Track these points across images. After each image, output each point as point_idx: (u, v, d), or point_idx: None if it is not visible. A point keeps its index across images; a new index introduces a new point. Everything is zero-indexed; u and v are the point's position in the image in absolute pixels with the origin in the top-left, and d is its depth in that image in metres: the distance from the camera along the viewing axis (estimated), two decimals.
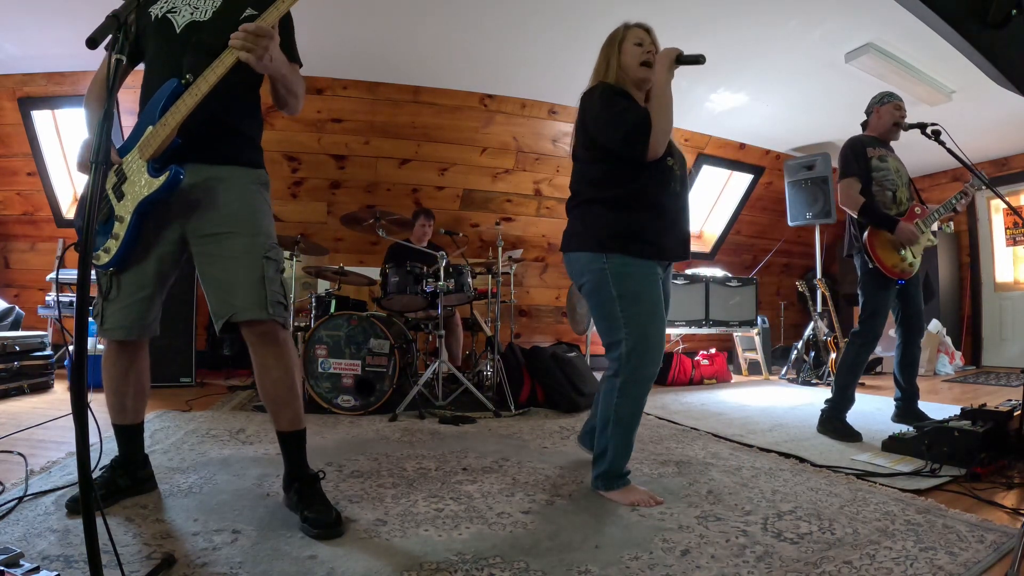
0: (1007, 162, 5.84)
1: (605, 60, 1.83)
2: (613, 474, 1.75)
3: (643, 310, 1.71)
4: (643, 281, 1.72)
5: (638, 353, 1.69)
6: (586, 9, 3.45)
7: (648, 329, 1.70)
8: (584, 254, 1.76)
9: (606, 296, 1.72)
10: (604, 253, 1.72)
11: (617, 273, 1.71)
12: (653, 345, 1.71)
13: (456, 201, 5.27)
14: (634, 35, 1.82)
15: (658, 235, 1.72)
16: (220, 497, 1.67)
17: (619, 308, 1.70)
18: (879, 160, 2.70)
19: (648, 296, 1.72)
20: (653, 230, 1.72)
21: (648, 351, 1.70)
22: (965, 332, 6.16)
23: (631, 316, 1.70)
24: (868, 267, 2.69)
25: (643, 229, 1.71)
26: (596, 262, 1.73)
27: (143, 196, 1.44)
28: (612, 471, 1.75)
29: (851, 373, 2.72)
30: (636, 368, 1.70)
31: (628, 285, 1.70)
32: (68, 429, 2.00)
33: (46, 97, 4.26)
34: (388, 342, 3.10)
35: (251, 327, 1.51)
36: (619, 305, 1.70)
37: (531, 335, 5.67)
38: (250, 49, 1.34)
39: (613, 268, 1.71)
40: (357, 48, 4.02)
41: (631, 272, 1.71)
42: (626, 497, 1.71)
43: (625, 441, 1.75)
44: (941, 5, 0.82)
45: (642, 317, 1.70)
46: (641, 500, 1.69)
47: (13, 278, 4.83)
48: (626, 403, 1.72)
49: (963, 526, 1.52)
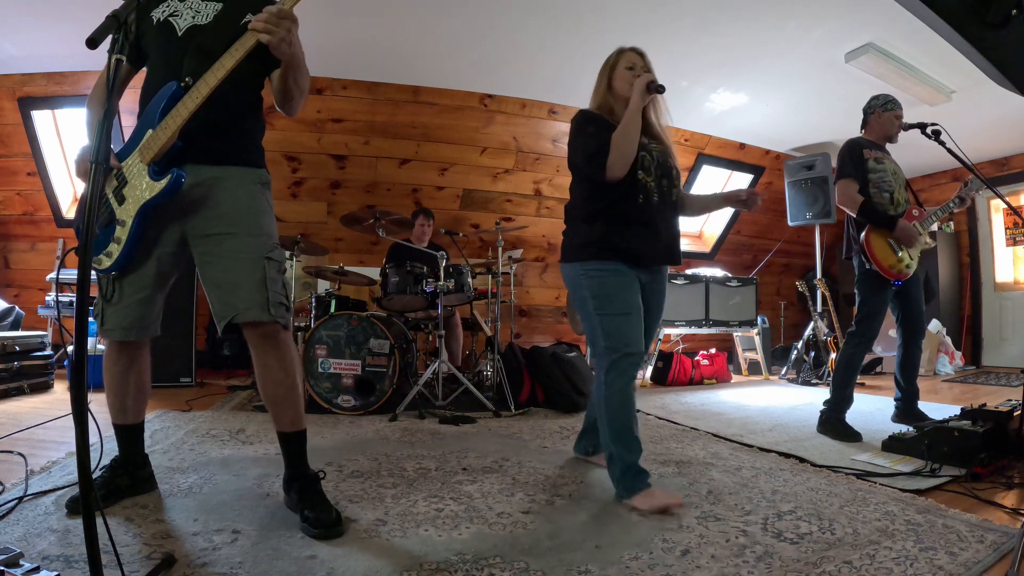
0: (1007, 162, 5.84)
1: (600, 83, 1.96)
2: (628, 476, 1.72)
3: (615, 308, 1.80)
4: (614, 283, 1.82)
5: (613, 346, 1.78)
6: (586, 10, 3.45)
7: (621, 324, 1.79)
8: (568, 265, 1.92)
9: (582, 298, 1.86)
10: (580, 261, 1.87)
11: (590, 277, 1.84)
12: (628, 340, 1.79)
13: (456, 201, 5.27)
14: (627, 59, 1.92)
15: (627, 241, 1.82)
16: (220, 497, 1.67)
17: (592, 307, 1.83)
18: (875, 162, 2.71)
19: (619, 296, 1.81)
20: (621, 237, 1.83)
21: (624, 345, 1.78)
22: (965, 332, 6.16)
23: (604, 315, 1.81)
24: (865, 267, 2.70)
25: (610, 236, 1.83)
26: (575, 270, 1.88)
27: (144, 200, 1.44)
28: (626, 474, 1.73)
29: (848, 373, 2.73)
30: (614, 361, 1.78)
31: (600, 287, 1.82)
32: (68, 429, 2.00)
33: (46, 97, 4.26)
34: (388, 342, 3.10)
35: (252, 328, 1.51)
36: (592, 305, 1.83)
37: (531, 335, 5.66)
38: (271, 31, 1.34)
39: (587, 273, 1.85)
40: (357, 48, 4.02)
41: (602, 275, 1.83)
42: (647, 502, 1.66)
43: (623, 438, 1.75)
44: (941, 5, 0.82)
45: (615, 314, 1.80)
46: (664, 504, 1.64)
47: (13, 278, 4.83)
48: (612, 397, 1.78)
49: (963, 526, 1.52)
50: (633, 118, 1.78)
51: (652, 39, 1.56)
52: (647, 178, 1.85)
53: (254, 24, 1.35)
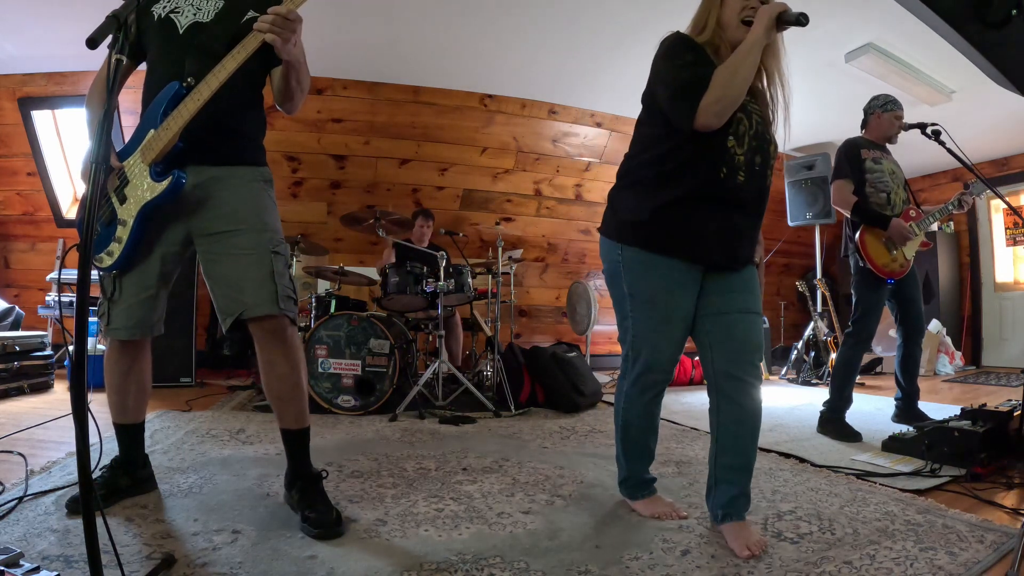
0: (1007, 162, 5.84)
1: (704, 13, 1.50)
2: (632, 481, 1.68)
3: (654, 316, 1.49)
4: (660, 283, 1.48)
5: (640, 360, 1.53)
6: (586, 9, 3.45)
7: (655, 339, 1.51)
8: (605, 240, 1.58)
9: (618, 291, 1.55)
10: (621, 243, 1.52)
11: (631, 268, 1.51)
12: (657, 358, 1.52)
13: (456, 201, 5.27)
14: None
15: (690, 230, 1.43)
16: (220, 497, 1.67)
17: (628, 307, 1.53)
18: (873, 162, 2.72)
19: (663, 302, 1.48)
20: (685, 222, 1.43)
21: (651, 364, 1.53)
22: (965, 332, 6.16)
23: (639, 320, 1.52)
24: (860, 266, 2.72)
25: (669, 219, 1.44)
26: (613, 252, 1.54)
27: (146, 200, 1.44)
28: (629, 478, 1.69)
29: (846, 373, 2.73)
30: (638, 375, 1.56)
31: (641, 285, 1.50)
32: (68, 429, 2.00)
33: (46, 97, 4.26)
34: (388, 342, 3.10)
35: (260, 323, 1.50)
36: (629, 304, 1.53)
37: (531, 335, 5.66)
38: (278, 32, 1.34)
39: (627, 262, 1.51)
40: (357, 48, 4.02)
41: (647, 270, 1.48)
42: (648, 509, 1.63)
43: (634, 446, 1.67)
44: (941, 5, 0.82)
45: (650, 323, 1.50)
46: (663, 513, 1.60)
47: (13, 278, 4.82)
48: (630, 408, 1.62)
49: (963, 526, 1.52)
50: (752, 51, 1.34)
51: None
52: (737, 149, 1.41)
53: (259, 25, 1.34)
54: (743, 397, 1.46)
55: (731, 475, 1.47)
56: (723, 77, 1.35)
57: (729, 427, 1.47)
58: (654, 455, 1.72)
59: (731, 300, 1.49)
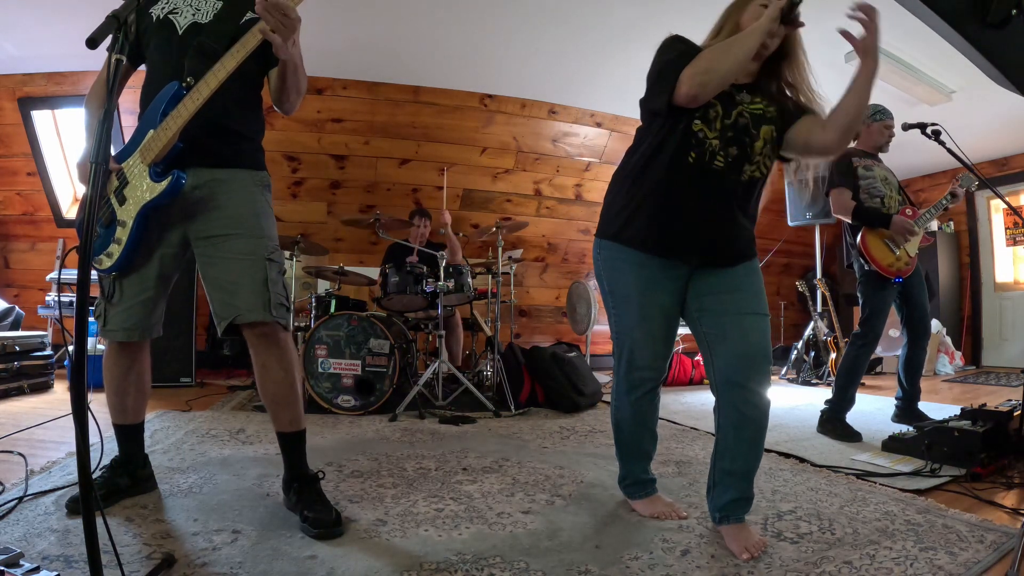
0: (1007, 162, 5.84)
1: (723, 19, 1.49)
2: (630, 481, 1.68)
3: (632, 313, 1.49)
4: (635, 279, 1.46)
5: (623, 359, 1.55)
6: (586, 9, 3.44)
7: (635, 336, 1.50)
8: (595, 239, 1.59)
9: (602, 288, 1.56)
10: (599, 237, 1.53)
11: (609, 265, 1.51)
12: (639, 355, 1.52)
13: (456, 201, 5.27)
14: None
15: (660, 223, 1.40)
16: (220, 497, 1.67)
17: (611, 303, 1.54)
18: (864, 170, 2.75)
19: (640, 298, 1.47)
20: (655, 216, 1.40)
21: (634, 361, 1.53)
22: (965, 332, 6.16)
23: (620, 317, 1.52)
24: (865, 269, 2.73)
25: (639, 211, 1.42)
26: (595, 249, 1.56)
27: (145, 201, 1.44)
28: (627, 477, 1.69)
29: (852, 374, 2.74)
30: (624, 373, 1.57)
31: (619, 281, 1.49)
32: (68, 429, 2.00)
33: (46, 97, 4.26)
34: (388, 342, 3.10)
35: (253, 328, 1.51)
36: (611, 301, 1.53)
37: (531, 335, 5.66)
38: (278, 30, 1.33)
39: (605, 258, 1.52)
40: (357, 48, 4.02)
41: (623, 266, 1.48)
42: (648, 508, 1.64)
43: (626, 445, 1.69)
44: (941, 5, 0.82)
45: (630, 320, 1.50)
46: (662, 513, 1.60)
47: (13, 278, 4.83)
48: (620, 405, 1.64)
49: (963, 526, 1.52)
50: (752, 34, 1.32)
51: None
52: (708, 132, 1.36)
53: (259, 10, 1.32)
54: (743, 404, 1.41)
55: (728, 479, 1.45)
56: (714, 51, 1.33)
57: (728, 432, 1.45)
58: (651, 456, 1.71)
59: (726, 300, 1.44)
